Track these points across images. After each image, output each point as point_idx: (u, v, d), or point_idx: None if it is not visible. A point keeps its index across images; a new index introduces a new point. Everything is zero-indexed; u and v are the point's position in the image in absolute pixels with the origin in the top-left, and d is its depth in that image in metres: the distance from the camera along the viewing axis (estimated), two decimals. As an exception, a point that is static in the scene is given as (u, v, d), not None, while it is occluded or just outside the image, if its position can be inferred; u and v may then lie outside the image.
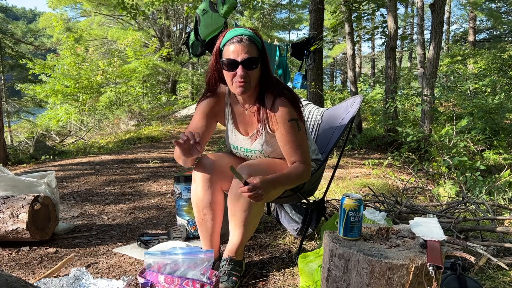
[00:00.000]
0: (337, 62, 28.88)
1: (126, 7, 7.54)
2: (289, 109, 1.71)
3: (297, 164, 1.73)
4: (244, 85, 1.64)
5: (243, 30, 1.66)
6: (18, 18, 48.86)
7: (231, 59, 1.61)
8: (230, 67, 1.63)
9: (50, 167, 5.13)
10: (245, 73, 1.62)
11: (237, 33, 1.63)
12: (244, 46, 1.61)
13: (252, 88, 1.69)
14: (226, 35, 1.66)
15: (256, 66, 1.64)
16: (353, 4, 6.81)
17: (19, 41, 16.57)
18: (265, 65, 1.70)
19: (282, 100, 1.71)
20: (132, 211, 3.05)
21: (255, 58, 1.63)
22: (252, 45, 1.63)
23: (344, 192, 3.55)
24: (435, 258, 1.13)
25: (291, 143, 1.73)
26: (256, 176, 1.56)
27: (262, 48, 1.68)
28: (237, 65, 1.61)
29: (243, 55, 1.60)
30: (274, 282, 1.79)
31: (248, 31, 1.66)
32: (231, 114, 1.86)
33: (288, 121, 1.70)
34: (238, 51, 1.60)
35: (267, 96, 1.75)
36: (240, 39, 1.61)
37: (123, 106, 11.37)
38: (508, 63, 11.06)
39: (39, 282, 1.70)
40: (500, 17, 18.26)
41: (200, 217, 1.82)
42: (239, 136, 1.85)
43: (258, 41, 1.67)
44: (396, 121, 6.85)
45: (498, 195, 3.79)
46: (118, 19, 18.78)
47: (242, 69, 1.61)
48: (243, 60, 1.60)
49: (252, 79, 1.66)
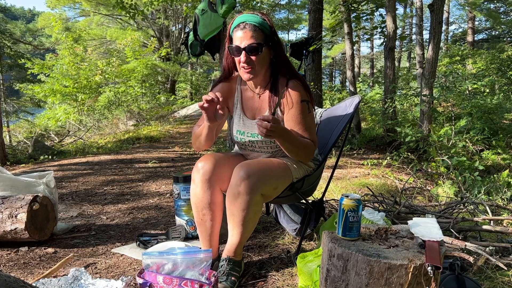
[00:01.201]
0: (336, 62, 28.90)
1: (125, 7, 7.53)
2: (302, 91, 1.77)
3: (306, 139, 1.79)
4: (250, 70, 1.70)
5: (249, 16, 1.69)
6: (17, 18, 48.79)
7: (235, 45, 1.68)
8: (235, 53, 1.70)
9: (49, 167, 5.12)
10: (248, 59, 1.68)
11: (242, 20, 1.69)
12: (247, 33, 1.66)
13: (258, 73, 1.75)
14: (235, 21, 1.71)
15: (259, 52, 1.69)
16: (352, 4, 6.82)
17: (18, 41, 16.56)
18: (276, 48, 1.75)
19: (295, 81, 1.78)
20: (131, 211, 3.05)
21: (258, 44, 1.67)
22: (256, 31, 1.67)
23: (343, 192, 3.56)
24: (434, 258, 1.13)
25: (301, 124, 1.78)
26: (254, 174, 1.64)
27: (272, 32, 1.72)
28: (240, 51, 1.68)
29: (246, 41, 1.66)
30: (273, 282, 1.79)
31: (255, 17, 1.69)
32: (240, 98, 1.91)
33: (300, 102, 1.76)
34: (242, 37, 1.67)
35: (280, 79, 1.80)
36: (244, 26, 1.67)
37: (122, 106, 11.35)
38: (507, 63, 11.06)
39: (38, 282, 1.70)
40: (498, 18, 18.30)
41: (199, 218, 1.82)
42: (247, 121, 1.88)
43: (265, 26, 1.70)
44: (395, 121, 6.85)
45: (496, 195, 3.79)
46: (117, 19, 18.76)
47: (245, 54, 1.67)
48: (246, 47, 1.66)
49: (257, 64, 1.70)
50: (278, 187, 1.78)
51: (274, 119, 1.55)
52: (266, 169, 1.71)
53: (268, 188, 1.73)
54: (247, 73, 1.71)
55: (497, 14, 18.55)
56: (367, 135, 7.58)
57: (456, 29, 24.18)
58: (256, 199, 1.67)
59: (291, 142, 1.70)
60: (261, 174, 1.67)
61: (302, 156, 1.81)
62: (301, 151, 1.77)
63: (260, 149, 1.90)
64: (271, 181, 1.73)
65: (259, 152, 1.92)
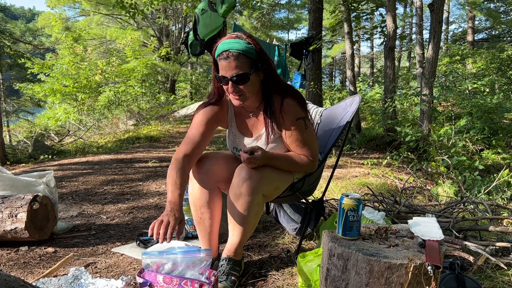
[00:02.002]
0: (336, 62, 28.89)
1: (125, 7, 7.53)
2: (297, 108, 1.74)
3: (302, 156, 1.79)
4: (239, 98, 1.65)
5: (231, 43, 1.60)
6: (16, 18, 48.79)
7: (221, 75, 1.62)
8: (222, 82, 1.65)
9: (49, 166, 5.12)
10: (236, 88, 1.62)
11: (225, 48, 1.59)
12: (231, 63, 1.58)
13: (249, 98, 1.69)
14: (218, 48, 1.63)
15: (246, 81, 1.62)
16: (352, 4, 6.82)
17: (18, 41, 16.54)
18: (266, 69, 1.69)
19: (289, 99, 1.74)
20: (131, 210, 3.05)
21: (243, 74, 1.60)
22: (241, 59, 1.58)
23: (343, 191, 3.56)
24: (434, 258, 1.13)
25: (298, 141, 1.76)
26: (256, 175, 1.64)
27: (259, 56, 1.64)
28: (227, 81, 1.62)
29: (231, 71, 1.59)
30: (273, 281, 1.79)
31: (238, 43, 1.59)
32: (233, 117, 1.87)
33: (296, 120, 1.73)
34: (226, 68, 1.59)
35: (274, 97, 1.76)
36: (227, 55, 1.58)
37: (122, 106, 11.35)
38: (507, 63, 11.06)
39: (38, 281, 1.70)
40: (498, 17, 18.29)
41: (198, 216, 1.83)
42: (243, 138, 1.86)
43: (251, 51, 1.61)
44: (395, 120, 6.85)
45: (496, 194, 3.79)
46: (117, 18, 18.75)
47: (232, 85, 1.61)
48: (232, 77, 1.60)
49: (247, 91, 1.65)
50: (279, 187, 1.78)
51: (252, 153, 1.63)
52: (267, 169, 1.70)
53: (269, 189, 1.73)
54: (236, 100, 1.66)
55: (497, 14, 18.55)
56: (367, 135, 7.58)
57: (456, 29, 24.19)
58: (257, 200, 1.67)
59: (279, 164, 1.74)
60: (262, 175, 1.67)
61: (299, 171, 1.85)
62: (295, 167, 1.80)
63: None
64: (272, 181, 1.73)
65: None
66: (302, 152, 1.78)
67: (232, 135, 1.89)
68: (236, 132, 1.87)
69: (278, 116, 1.75)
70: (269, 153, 1.70)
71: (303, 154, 1.79)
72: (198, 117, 1.80)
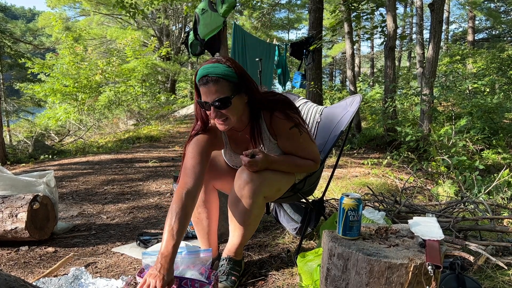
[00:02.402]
0: (336, 62, 28.88)
1: (125, 6, 7.54)
2: (287, 121, 1.69)
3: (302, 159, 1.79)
4: (224, 123, 1.61)
5: (210, 68, 1.56)
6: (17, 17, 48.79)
7: (203, 101, 1.58)
8: (205, 107, 1.60)
9: (49, 166, 5.12)
10: (218, 113, 1.58)
11: (204, 73, 1.55)
12: (211, 87, 1.54)
13: (234, 121, 1.64)
14: (198, 73, 1.59)
15: (227, 105, 1.57)
16: (352, 4, 6.82)
17: (18, 40, 16.55)
18: (249, 91, 1.64)
19: (277, 113, 1.69)
20: (131, 210, 3.05)
21: (225, 98, 1.54)
22: (220, 83, 1.54)
23: (343, 191, 3.56)
24: (434, 258, 1.13)
25: (296, 148, 1.76)
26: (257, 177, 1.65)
27: (240, 79, 1.59)
28: (209, 107, 1.58)
29: (212, 96, 1.54)
30: (273, 281, 1.79)
31: (217, 68, 1.56)
32: (227, 139, 1.83)
33: (289, 130, 1.70)
34: (207, 93, 1.55)
35: (263, 113, 1.72)
36: (207, 80, 1.54)
37: (122, 106, 11.35)
38: (507, 62, 11.06)
39: (38, 281, 1.70)
40: (499, 17, 18.28)
41: (195, 216, 1.83)
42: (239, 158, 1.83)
43: (231, 75, 1.56)
44: (395, 120, 6.85)
45: (497, 194, 3.79)
46: (117, 18, 18.75)
47: (214, 110, 1.57)
48: (213, 102, 1.55)
49: (230, 115, 1.59)
50: (281, 189, 1.78)
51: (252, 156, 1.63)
52: (268, 171, 1.69)
53: (271, 191, 1.72)
54: (221, 125, 1.62)
55: (498, 14, 18.54)
56: (367, 135, 7.59)
57: (457, 29, 24.19)
58: (258, 202, 1.67)
59: (281, 167, 1.74)
60: (264, 177, 1.66)
61: (301, 172, 1.85)
62: (297, 169, 1.81)
63: None
64: (274, 184, 1.72)
65: None
66: (303, 157, 1.78)
67: (229, 155, 1.87)
68: (232, 153, 1.85)
69: (270, 129, 1.73)
70: (270, 157, 1.69)
71: (304, 158, 1.79)
72: (191, 146, 1.71)
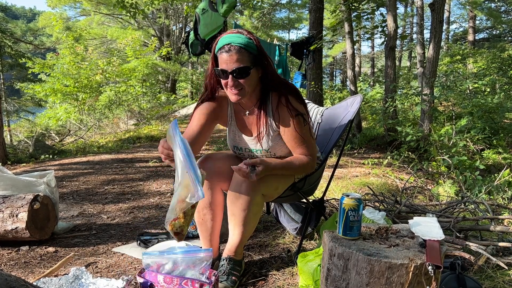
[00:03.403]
0: (336, 62, 28.88)
1: (125, 6, 7.54)
2: (295, 105, 1.73)
3: (302, 156, 1.77)
4: (238, 93, 1.65)
5: (233, 37, 1.61)
6: (17, 17, 48.84)
7: (221, 69, 1.62)
8: (222, 76, 1.64)
9: (50, 166, 5.12)
10: (236, 82, 1.62)
11: (227, 41, 1.60)
12: (233, 56, 1.58)
13: (247, 94, 1.69)
14: (219, 42, 1.64)
15: (246, 75, 1.62)
16: (353, 4, 6.82)
17: (19, 40, 16.54)
18: (265, 67, 1.69)
19: (287, 97, 1.73)
20: (131, 210, 3.05)
21: (245, 68, 1.60)
22: (242, 53, 1.59)
23: (344, 191, 3.56)
24: (435, 258, 1.13)
25: (297, 138, 1.75)
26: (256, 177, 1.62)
27: (259, 52, 1.65)
28: (227, 75, 1.61)
29: (232, 65, 1.59)
30: (273, 281, 1.79)
31: (240, 37, 1.61)
32: (234, 116, 1.86)
33: (294, 116, 1.72)
34: (227, 61, 1.59)
35: (272, 94, 1.76)
36: (229, 48, 1.59)
37: (122, 106, 11.36)
38: (508, 62, 11.06)
39: (39, 281, 1.70)
40: (499, 17, 18.26)
41: (200, 217, 1.82)
42: (243, 137, 1.85)
43: (252, 46, 1.63)
44: (396, 120, 6.85)
45: (497, 194, 3.79)
46: (117, 18, 18.76)
47: (232, 78, 1.61)
48: (232, 70, 1.60)
49: (246, 86, 1.65)
50: (279, 187, 1.78)
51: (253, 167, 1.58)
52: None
53: (269, 188, 1.73)
54: (235, 95, 1.66)
55: (498, 13, 18.52)
56: (368, 135, 7.58)
57: (457, 28, 24.16)
58: (257, 199, 1.67)
59: (281, 171, 1.73)
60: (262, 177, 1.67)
61: (299, 173, 1.85)
62: (295, 171, 1.81)
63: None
64: (272, 181, 1.72)
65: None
66: (301, 150, 1.77)
67: (232, 133, 1.88)
68: (237, 130, 1.86)
69: (275, 113, 1.75)
70: (270, 165, 1.66)
71: (302, 153, 1.77)
72: (197, 111, 1.79)
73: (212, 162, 1.80)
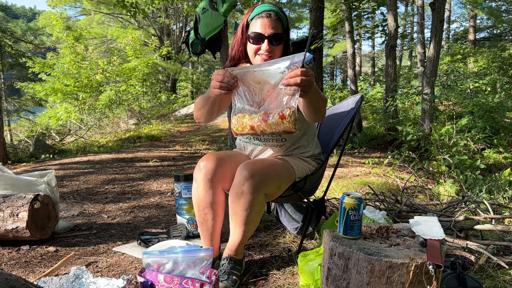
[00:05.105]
0: (337, 61, 28.86)
1: (125, 6, 7.54)
2: None
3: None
4: (267, 59, 1.70)
5: (272, 7, 1.72)
6: (17, 17, 48.87)
7: (258, 32, 1.68)
8: (256, 40, 1.70)
9: (50, 166, 5.13)
10: (270, 48, 1.69)
11: (266, 9, 1.70)
12: (272, 21, 1.67)
13: None
14: (255, 10, 1.72)
15: (280, 42, 1.70)
16: (353, 3, 6.81)
17: (19, 40, 16.57)
18: (288, 43, 1.77)
19: None
20: (132, 210, 3.05)
21: (280, 34, 1.69)
22: (279, 21, 1.69)
23: (344, 191, 3.55)
24: (435, 257, 1.13)
25: None
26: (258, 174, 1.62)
27: (287, 26, 1.75)
28: (263, 39, 1.68)
29: (270, 30, 1.67)
30: (274, 281, 1.79)
31: (276, 9, 1.72)
32: None
33: None
34: (266, 25, 1.67)
35: None
36: (269, 14, 1.68)
37: (123, 105, 11.37)
38: (509, 61, 11.06)
39: (39, 281, 1.70)
40: (500, 16, 18.25)
41: (201, 217, 1.82)
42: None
43: (284, 19, 1.73)
44: (396, 120, 6.85)
45: (498, 194, 3.79)
46: (117, 17, 18.76)
47: (268, 43, 1.68)
48: (270, 35, 1.67)
49: (276, 54, 1.72)
50: (281, 186, 1.78)
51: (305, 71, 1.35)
52: (269, 168, 1.70)
53: (271, 188, 1.72)
54: (264, 60, 1.70)
55: (499, 13, 18.49)
56: (368, 134, 7.58)
57: (458, 28, 24.18)
58: (259, 198, 1.67)
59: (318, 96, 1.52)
60: (264, 173, 1.66)
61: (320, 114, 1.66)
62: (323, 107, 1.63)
63: (266, 142, 1.89)
64: (274, 180, 1.72)
65: (264, 146, 1.91)
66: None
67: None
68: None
69: None
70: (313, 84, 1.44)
71: None
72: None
73: (214, 161, 1.79)
